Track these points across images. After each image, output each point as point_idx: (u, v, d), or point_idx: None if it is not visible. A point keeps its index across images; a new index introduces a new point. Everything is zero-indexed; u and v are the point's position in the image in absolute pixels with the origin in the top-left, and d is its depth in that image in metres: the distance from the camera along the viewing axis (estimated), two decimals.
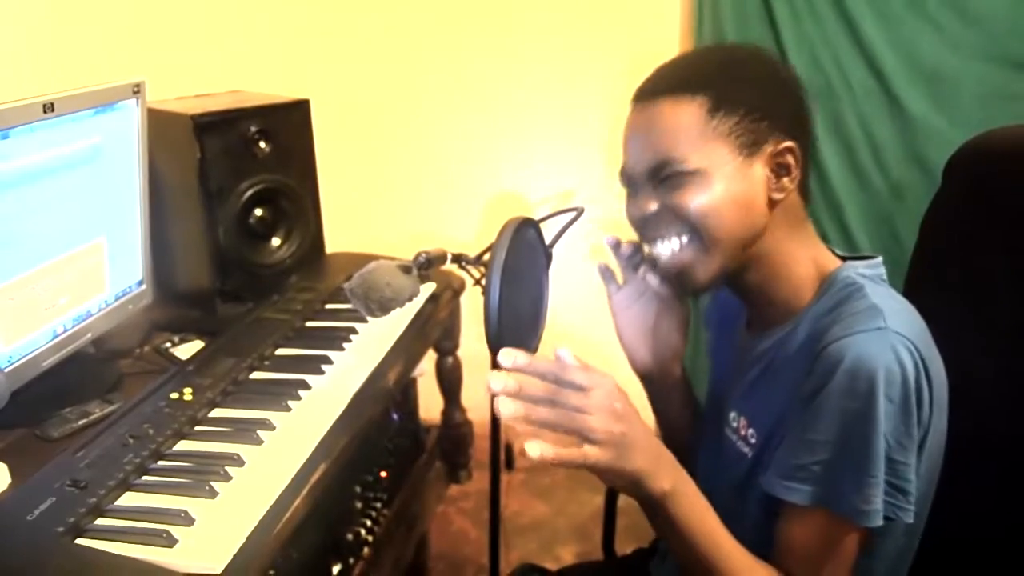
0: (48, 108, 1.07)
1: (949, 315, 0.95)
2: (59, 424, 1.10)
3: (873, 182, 2.31)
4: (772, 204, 0.96)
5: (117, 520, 0.89)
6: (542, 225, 1.09)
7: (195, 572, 0.81)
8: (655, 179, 0.96)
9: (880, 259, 0.99)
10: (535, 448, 0.78)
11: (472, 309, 1.85)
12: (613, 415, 0.82)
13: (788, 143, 0.95)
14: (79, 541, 0.85)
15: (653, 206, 0.97)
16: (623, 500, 1.58)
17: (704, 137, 0.93)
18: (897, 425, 0.86)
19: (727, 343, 1.13)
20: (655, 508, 0.87)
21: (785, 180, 0.95)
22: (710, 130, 0.93)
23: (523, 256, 1.02)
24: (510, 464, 2.45)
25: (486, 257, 1.19)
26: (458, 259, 1.20)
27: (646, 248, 1.01)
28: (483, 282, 1.17)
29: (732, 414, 1.04)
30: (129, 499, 0.93)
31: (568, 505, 2.40)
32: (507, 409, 0.78)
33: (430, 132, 2.46)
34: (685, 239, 0.96)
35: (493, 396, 0.79)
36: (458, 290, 1.63)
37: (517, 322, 1.02)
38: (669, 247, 0.98)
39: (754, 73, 0.98)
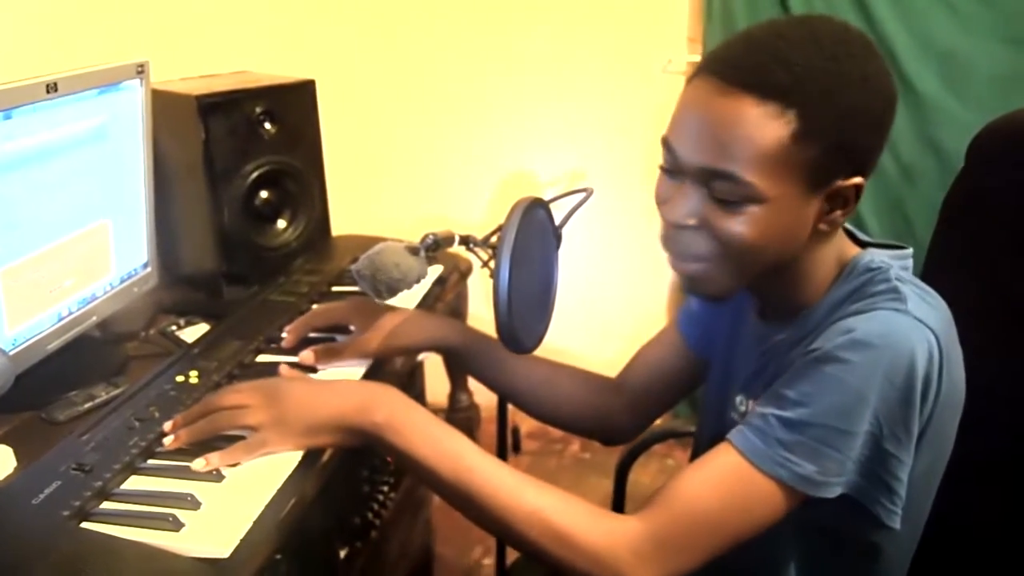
0: (51, 88, 1.06)
1: (967, 299, 0.93)
2: (64, 407, 1.10)
3: (884, 165, 2.29)
4: (816, 232, 0.87)
5: (123, 504, 0.88)
6: (552, 206, 1.08)
7: (202, 556, 0.80)
8: (707, 182, 0.83)
9: (910, 250, 0.92)
10: (199, 463, 0.91)
11: (479, 292, 1.84)
12: (264, 401, 0.94)
13: (858, 180, 0.84)
14: (84, 525, 0.84)
15: (693, 220, 0.85)
16: (633, 483, 1.58)
17: (781, 163, 0.80)
18: (893, 411, 0.80)
19: (734, 326, 1.06)
20: (381, 445, 0.91)
21: (838, 213, 0.86)
22: (790, 157, 0.80)
23: (533, 237, 1.01)
24: (517, 447, 2.45)
25: (494, 239, 1.18)
26: (466, 241, 1.19)
27: (670, 259, 0.91)
28: (491, 264, 1.16)
29: (739, 397, 1.00)
30: (135, 482, 0.92)
31: (575, 489, 2.35)
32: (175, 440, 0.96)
33: (437, 112, 2.45)
34: (713, 264, 0.87)
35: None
36: (465, 272, 1.62)
37: (526, 305, 1.00)
38: (693, 267, 0.88)
39: (855, 94, 0.81)
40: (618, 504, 1.50)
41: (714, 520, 0.83)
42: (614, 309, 2.55)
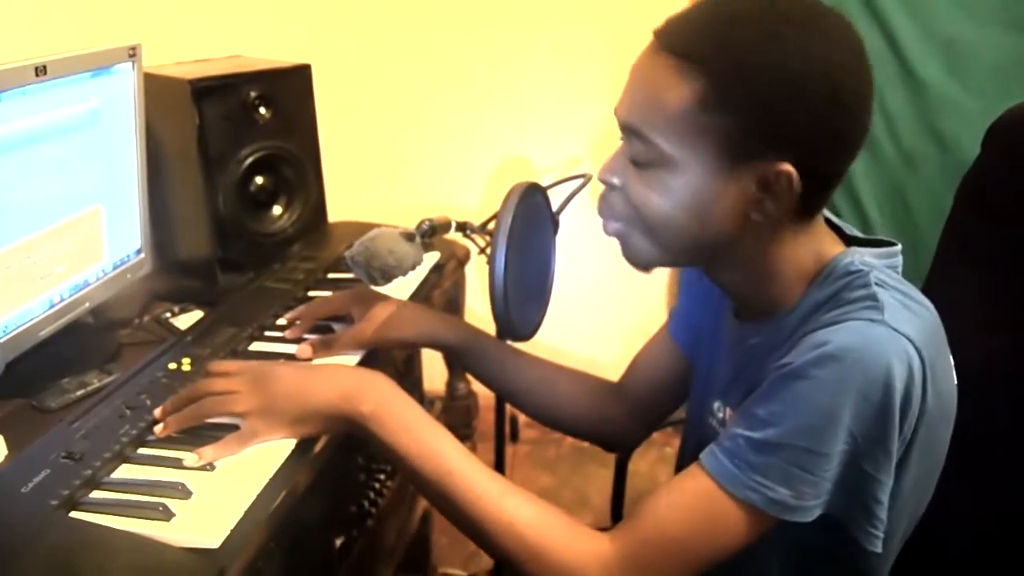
0: (40, 71, 1.04)
1: (981, 291, 0.90)
2: (57, 395, 1.08)
3: (885, 152, 2.27)
4: (750, 220, 0.83)
5: (113, 493, 0.87)
6: (549, 192, 1.07)
7: (192, 546, 0.79)
8: (629, 141, 0.85)
9: (898, 247, 0.88)
10: (191, 459, 0.89)
11: (476, 279, 1.83)
12: (252, 388, 0.93)
13: (786, 167, 0.78)
14: (74, 514, 0.83)
15: (615, 179, 0.86)
16: (632, 473, 1.58)
17: (686, 127, 0.79)
18: (870, 429, 0.76)
19: (714, 328, 1.02)
20: (366, 435, 0.90)
21: (769, 204, 0.81)
22: (697, 123, 0.79)
23: (530, 223, 1.00)
24: (515, 436, 2.44)
25: (491, 225, 1.17)
26: (463, 227, 1.18)
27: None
28: (488, 251, 1.15)
29: (716, 403, 0.96)
30: (125, 471, 0.91)
31: (573, 477, 2.39)
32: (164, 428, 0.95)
33: (435, 97, 2.42)
34: (629, 227, 0.87)
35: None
36: (463, 260, 1.61)
37: (523, 292, 0.99)
38: (612, 227, 0.89)
39: (782, 72, 0.77)
40: (618, 493, 1.49)
41: (684, 544, 0.81)
42: (613, 307, 2.54)
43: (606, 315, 2.57)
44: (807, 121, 0.78)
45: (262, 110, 1.45)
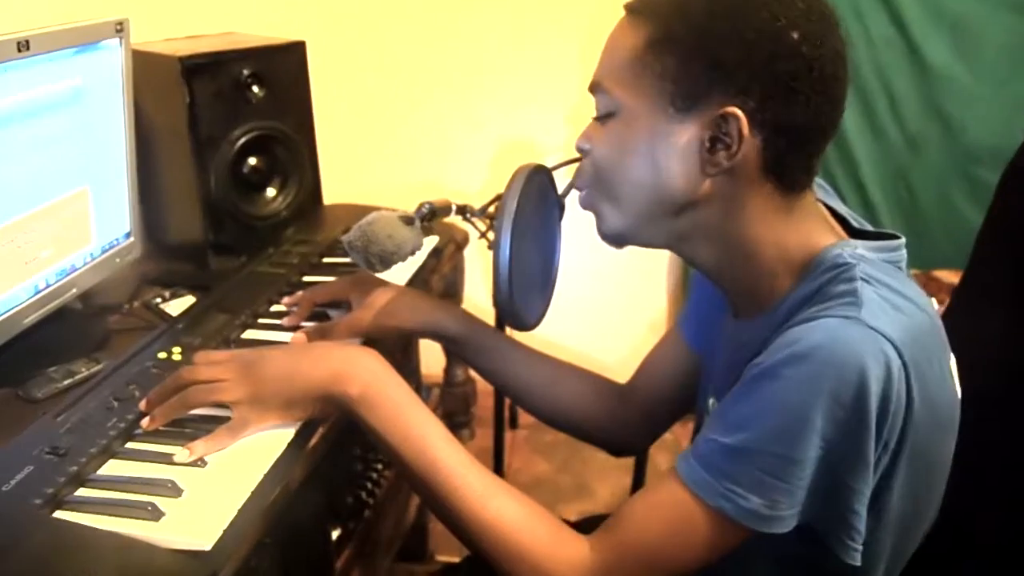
0: (23, 46, 1.01)
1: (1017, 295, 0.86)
2: (43, 384, 1.05)
3: (889, 135, 2.26)
4: (710, 175, 0.81)
5: (99, 491, 0.83)
6: (554, 175, 1.03)
7: (182, 548, 0.75)
8: (595, 98, 0.86)
9: (901, 241, 0.84)
10: (182, 455, 0.86)
11: (475, 264, 1.80)
12: (240, 375, 0.90)
13: (732, 109, 0.77)
14: (58, 514, 0.79)
15: (587, 144, 0.87)
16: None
17: (634, 72, 0.81)
18: (843, 434, 0.72)
19: (718, 326, 0.99)
20: (353, 418, 0.89)
21: (723, 155, 0.79)
22: (642, 65, 0.80)
23: (534, 207, 0.96)
24: (514, 422, 2.42)
25: (491, 209, 1.14)
26: (463, 210, 1.14)
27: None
28: (489, 235, 1.11)
29: (711, 401, 0.95)
30: (112, 467, 0.87)
31: (571, 462, 2.38)
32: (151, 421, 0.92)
33: (433, 75, 2.38)
34: (593, 192, 0.87)
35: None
36: (461, 244, 1.58)
37: (528, 279, 0.95)
38: (582, 196, 0.89)
39: (719, 3, 0.79)
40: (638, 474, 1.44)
41: (659, 552, 0.80)
42: (614, 283, 2.51)
43: (613, 308, 2.55)
44: (746, 59, 0.77)
45: (255, 89, 1.42)
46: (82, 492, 0.83)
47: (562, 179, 1.05)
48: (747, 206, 0.82)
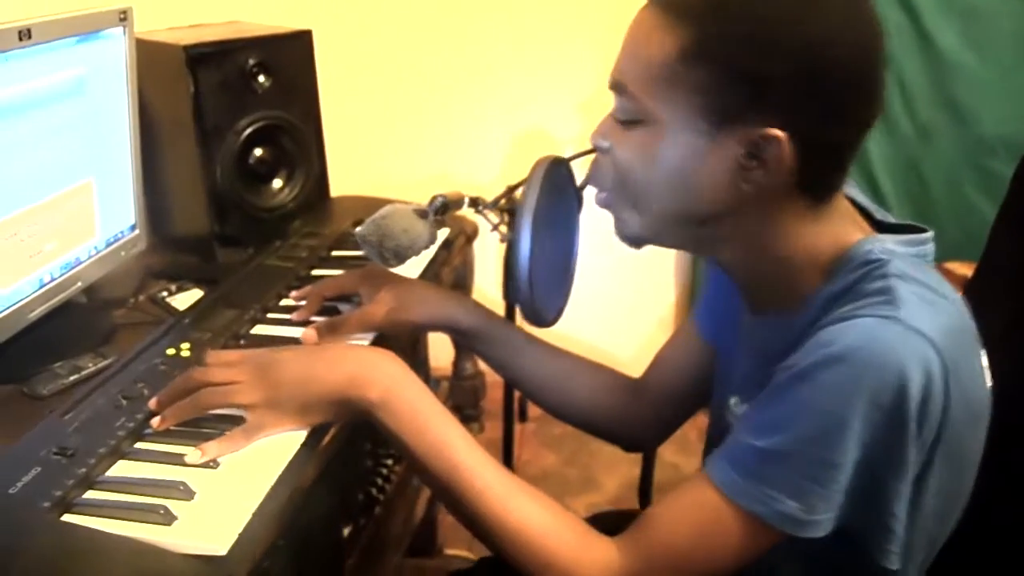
0: (24, 35, 0.99)
1: None
2: (48, 380, 1.03)
3: (900, 124, 2.24)
4: (742, 191, 0.77)
5: (109, 493, 0.81)
6: (572, 165, 1.00)
7: (197, 553, 0.73)
8: (616, 98, 0.81)
9: (929, 234, 0.81)
10: (194, 455, 0.84)
11: (484, 256, 1.78)
12: (255, 378, 0.88)
13: (776, 132, 0.73)
14: (67, 517, 0.77)
15: (604, 142, 0.83)
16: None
17: (669, 82, 0.75)
18: (883, 438, 0.70)
19: (735, 319, 0.96)
20: (373, 422, 0.87)
21: (758, 173, 0.76)
22: (677, 76, 0.75)
23: (554, 200, 0.93)
24: (524, 416, 2.41)
25: (504, 202, 1.12)
26: (475, 203, 1.12)
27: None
28: (502, 228, 1.09)
29: (733, 399, 0.91)
30: (122, 469, 0.85)
31: (579, 455, 2.36)
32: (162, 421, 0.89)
33: (443, 65, 2.35)
34: (615, 195, 0.84)
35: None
36: (471, 236, 1.56)
37: (548, 274, 0.93)
38: (601, 197, 0.86)
39: (761, 20, 0.73)
40: (646, 478, 1.44)
41: (690, 556, 0.78)
42: (630, 280, 2.49)
43: (621, 303, 2.53)
44: (791, 78, 0.72)
45: (261, 78, 1.41)
46: (91, 494, 0.81)
47: (579, 169, 1.03)
48: (778, 218, 0.80)
